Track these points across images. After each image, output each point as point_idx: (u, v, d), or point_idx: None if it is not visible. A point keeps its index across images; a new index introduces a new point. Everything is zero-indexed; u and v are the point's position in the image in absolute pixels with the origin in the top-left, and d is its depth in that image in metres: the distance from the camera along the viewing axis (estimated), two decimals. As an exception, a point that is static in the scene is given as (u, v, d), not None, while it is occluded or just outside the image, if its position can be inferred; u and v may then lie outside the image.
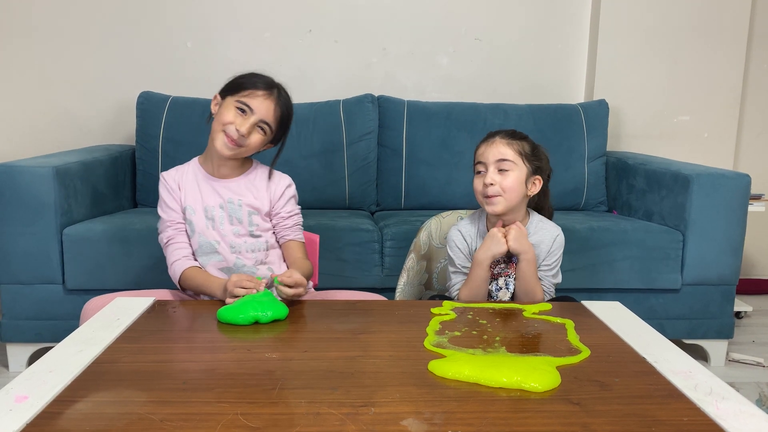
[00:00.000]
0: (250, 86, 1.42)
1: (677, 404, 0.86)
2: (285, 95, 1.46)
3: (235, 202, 1.47)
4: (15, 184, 1.93)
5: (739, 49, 2.82)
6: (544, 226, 1.50)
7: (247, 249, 1.47)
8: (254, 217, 1.48)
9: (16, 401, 0.82)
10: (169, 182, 1.48)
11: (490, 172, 1.42)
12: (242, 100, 1.40)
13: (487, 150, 1.43)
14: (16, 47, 2.68)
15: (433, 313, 1.23)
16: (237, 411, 0.81)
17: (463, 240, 1.51)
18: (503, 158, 1.42)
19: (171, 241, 1.47)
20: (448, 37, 2.82)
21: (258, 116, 1.41)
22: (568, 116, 2.62)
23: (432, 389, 0.89)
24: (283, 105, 1.45)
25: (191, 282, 1.42)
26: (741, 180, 2.12)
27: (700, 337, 2.23)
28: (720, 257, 2.15)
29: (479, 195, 1.45)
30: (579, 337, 1.11)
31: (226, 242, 1.46)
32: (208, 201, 1.47)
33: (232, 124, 1.40)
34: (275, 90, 1.44)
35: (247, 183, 1.50)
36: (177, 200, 1.47)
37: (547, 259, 1.48)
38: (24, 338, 2.04)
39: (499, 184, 1.41)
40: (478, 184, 1.44)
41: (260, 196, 1.49)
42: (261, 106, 1.41)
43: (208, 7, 2.72)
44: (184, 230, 1.47)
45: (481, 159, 1.44)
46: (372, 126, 2.56)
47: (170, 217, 1.47)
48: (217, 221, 1.46)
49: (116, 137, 2.75)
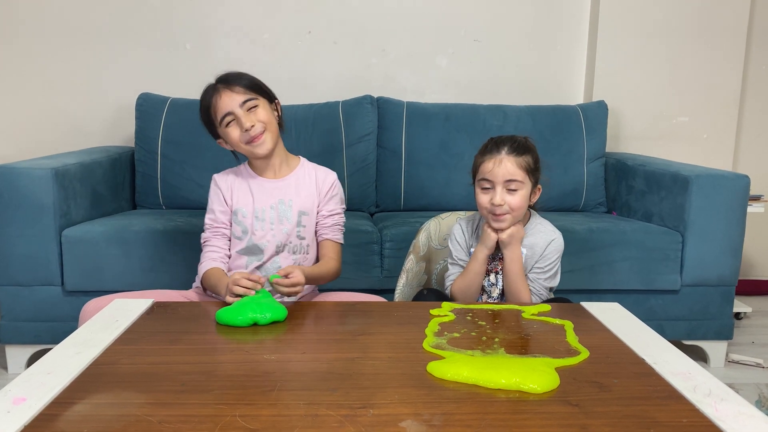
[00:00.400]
0: (208, 103, 1.45)
1: (676, 405, 0.86)
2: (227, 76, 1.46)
3: (286, 203, 1.50)
4: (14, 185, 1.93)
5: (738, 50, 2.82)
6: (541, 228, 1.50)
7: (290, 249, 1.50)
8: (304, 218, 1.51)
9: (14, 403, 0.82)
10: (220, 184, 1.52)
11: (499, 192, 1.40)
12: (219, 118, 1.44)
13: (496, 169, 1.40)
14: (16, 49, 2.68)
15: (432, 315, 1.23)
16: (235, 413, 0.80)
17: (462, 234, 1.54)
18: (512, 178, 1.39)
19: (206, 243, 1.51)
20: (448, 38, 2.83)
21: (236, 106, 1.42)
22: (567, 117, 2.62)
23: (431, 391, 0.89)
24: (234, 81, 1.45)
25: (208, 282, 1.45)
26: (740, 181, 2.12)
27: (699, 338, 2.23)
28: (719, 258, 2.15)
29: (485, 210, 1.43)
30: (578, 339, 1.11)
31: (273, 242, 1.48)
32: (260, 202, 1.49)
33: (240, 135, 1.43)
34: (218, 85, 1.45)
35: (297, 182, 1.53)
36: (224, 203, 1.50)
37: (540, 262, 1.48)
38: (23, 340, 2.04)
39: (508, 204, 1.40)
40: (485, 200, 1.42)
41: (310, 195, 1.53)
42: (228, 101, 1.43)
43: (207, 9, 2.72)
44: (221, 234, 1.51)
45: (488, 177, 1.41)
46: (371, 127, 2.56)
47: (211, 220, 1.52)
48: (267, 222, 1.49)
49: (115, 139, 2.75)
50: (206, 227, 1.52)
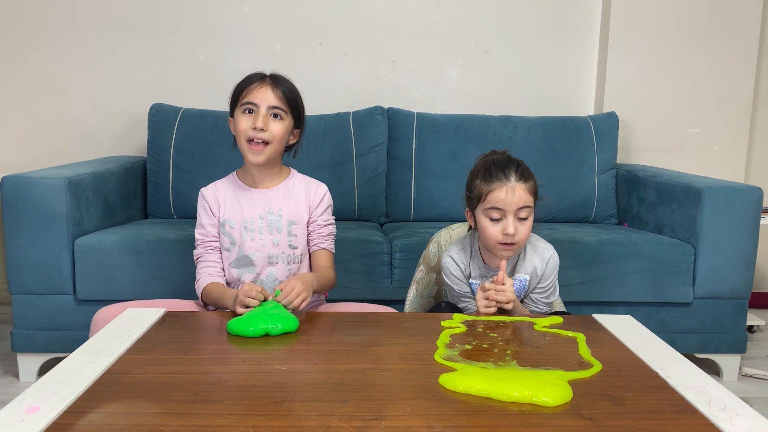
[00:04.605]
0: (245, 85, 1.44)
1: (691, 420, 0.85)
2: (280, 77, 1.46)
3: (275, 213, 1.48)
4: (27, 195, 1.95)
5: (750, 61, 2.81)
6: (537, 246, 1.47)
7: (284, 260, 1.48)
8: (294, 227, 1.49)
9: (27, 412, 0.82)
10: (207, 197, 1.51)
11: (511, 222, 1.33)
12: (244, 102, 1.42)
13: (509, 198, 1.33)
14: (29, 60, 2.71)
15: (443, 326, 1.22)
16: (247, 423, 0.80)
17: (456, 267, 1.48)
18: (525, 205, 1.34)
19: (199, 259, 1.50)
20: (458, 49, 2.84)
21: (265, 105, 1.41)
22: (577, 128, 2.62)
23: (443, 403, 0.88)
24: (283, 85, 1.45)
25: (209, 297, 1.44)
26: (753, 193, 2.11)
27: (712, 352, 2.21)
28: (732, 271, 2.13)
29: (492, 241, 1.36)
30: (590, 351, 1.10)
31: (263, 253, 1.47)
32: (248, 212, 1.48)
33: (247, 128, 1.41)
34: (267, 78, 1.45)
35: (286, 192, 1.51)
36: (212, 216, 1.49)
37: (541, 283, 1.46)
38: (35, 348, 2.05)
39: (518, 233, 1.34)
40: (496, 231, 1.34)
41: (300, 205, 1.50)
42: (261, 95, 1.42)
43: (219, 20, 2.75)
44: (213, 248, 1.50)
45: (500, 206, 1.34)
46: (381, 138, 2.57)
47: (202, 234, 1.50)
48: (257, 232, 1.47)
49: (128, 149, 2.77)
50: (197, 243, 1.51)
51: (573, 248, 2.10)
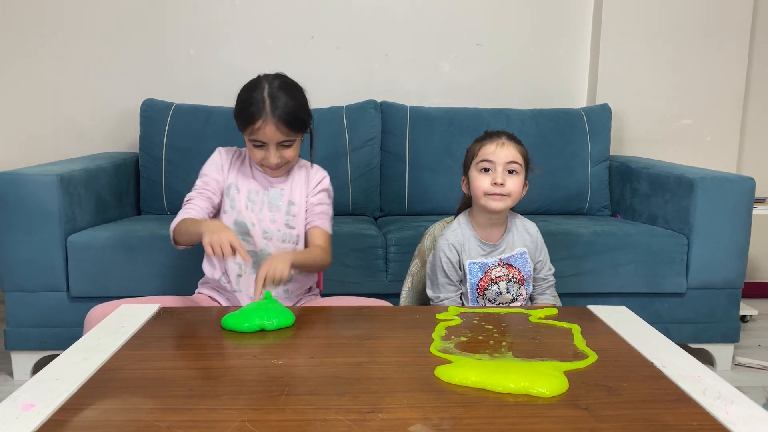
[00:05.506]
0: (249, 121, 1.40)
1: (686, 409, 0.86)
2: (282, 100, 1.40)
3: (278, 191, 1.52)
4: (19, 192, 1.93)
5: (742, 53, 2.82)
6: (521, 221, 1.53)
7: (279, 238, 1.51)
8: (293, 208, 1.52)
9: (22, 409, 0.82)
10: (223, 155, 1.54)
11: (500, 172, 1.41)
12: (252, 139, 1.44)
13: (498, 150, 1.42)
14: (20, 56, 2.69)
15: (439, 319, 1.22)
16: (244, 418, 0.80)
17: (454, 250, 1.47)
18: (514, 160, 1.42)
19: (189, 201, 1.49)
20: (450, 42, 2.83)
21: (273, 142, 1.43)
22: (570, 121, 2.62)
23: (439, 395, 0.88)
24: (287, 110, 1.40)
25: (182, 227, 1.41)
26: (745, 183, 2.12)
27: (705, 341, 2.22)
28: (725, 261, 2.14)
29: (481, 192, 1.42)
30: (586, 342, 1.10)
31: (260, 226, 1.49)
32: (253, 184, 1.52)
33: (262, 160, 1.45)
34: (267, 110, 1.38)
35: (291, 174, 1.56)
36: (221, 172, 1.52)
37: (540, 255, 1.51)
38: (28, 346, 2.04)
39: (507, 186, 1.41)
40: (485, 182, 1.42)
41: (300, 189, 1.54)
42: (269, 134, 1.40)
43: (211, 15, 2.73)
44: (207, 197, 1.50)
45: (490, 158, 1.42)
46: (375, 132, 2.56)
47: (203, 183, 1.51)
48: (258, 204, 1.51)
49: (120, 145, 2.76)
50: (194, 188, 1.51)
51: (567, 240, 2.11)
